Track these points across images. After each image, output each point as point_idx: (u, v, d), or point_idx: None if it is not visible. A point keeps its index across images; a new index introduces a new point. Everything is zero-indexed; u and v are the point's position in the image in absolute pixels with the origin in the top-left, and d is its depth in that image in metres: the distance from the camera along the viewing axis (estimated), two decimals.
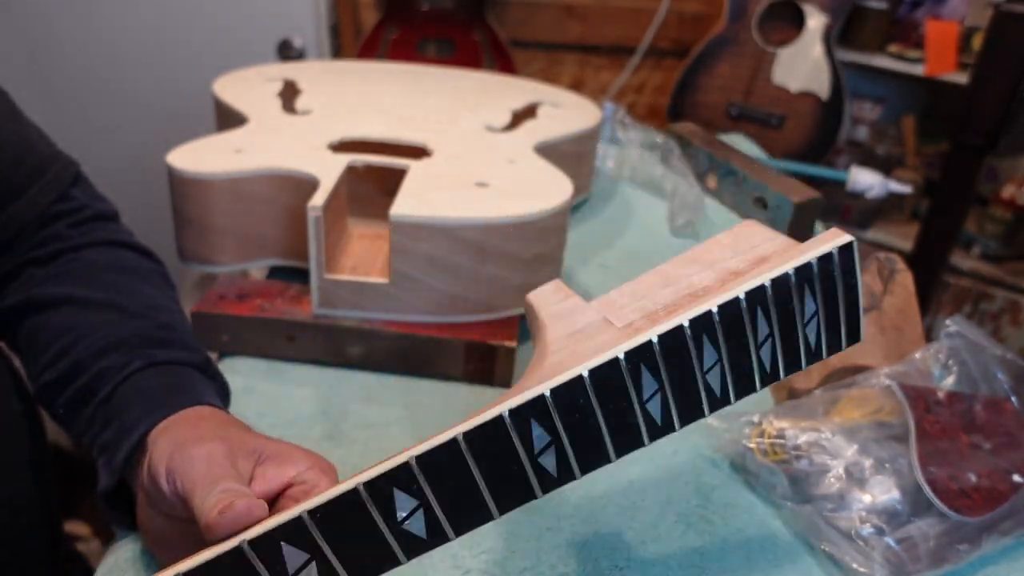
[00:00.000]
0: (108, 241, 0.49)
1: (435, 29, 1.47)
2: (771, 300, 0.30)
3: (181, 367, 0.42)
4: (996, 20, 1.23)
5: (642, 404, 0.29)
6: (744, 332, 0.29)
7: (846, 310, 0.31)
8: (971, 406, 0.46)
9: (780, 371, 0.30)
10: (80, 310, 0.44)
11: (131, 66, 1.38)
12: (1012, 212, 1.57)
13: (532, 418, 0.28)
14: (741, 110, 1.60)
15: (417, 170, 0.57)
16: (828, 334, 0.31)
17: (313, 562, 0.27)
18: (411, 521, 0.27)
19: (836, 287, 0.31)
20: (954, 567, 0.41)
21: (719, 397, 0.30)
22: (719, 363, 0.29)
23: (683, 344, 0.29)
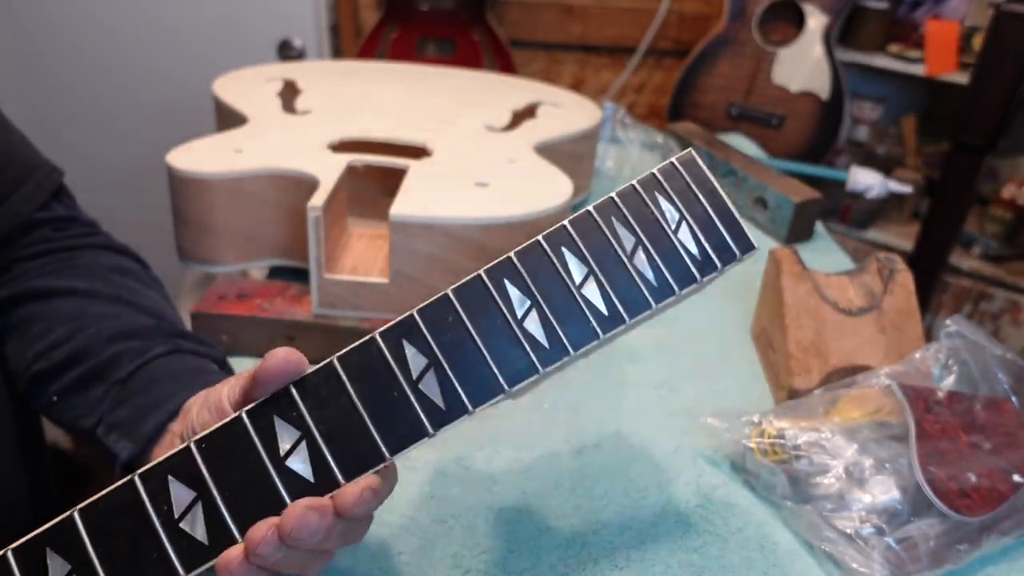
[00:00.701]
0: (104, 246, 0.49)
1: (435, 29, 1.47)
2: (624, 208, 0.30)
3: (205, 359, 0.42)
4: (996, 20, 1.23)
5: (518, 322, 0.28)
6: (608, 242, 0.29)
7: (719, 215, 0.31)
8: (971, 406, 0.46)
9: (670, 282, 0.30)
10: (85, 301, 0.44)
11: (131, 66, 1.38)
12: (1012, 212, 1.57)
13: (403, 337, 0.28)
14: (741, 110, 1.60)
15: (417, 170, 0.57)
16: (710, 241, 0.30)
17: (200, 502, 0.27)
18: (294, 456, 0.27)
19: (694, 192, 0.31)
20: (954, 567, 0.41)
21: (607, 315, 0.29)
22: (591, 275, 0.29)
23: (542, 256, 0.29)
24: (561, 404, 0.53)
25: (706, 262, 0.30)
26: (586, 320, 0.29)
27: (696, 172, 0.31)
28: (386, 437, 0.27)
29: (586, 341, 0.29)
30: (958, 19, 1.53)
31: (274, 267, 0.61)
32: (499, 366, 0.28)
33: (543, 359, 0.28)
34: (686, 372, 0.57)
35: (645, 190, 0.30)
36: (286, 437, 0.27)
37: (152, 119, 1.41)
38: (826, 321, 0.53)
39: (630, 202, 0.30)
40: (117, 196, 1.44)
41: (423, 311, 0.28)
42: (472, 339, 0.28)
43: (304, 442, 0.27)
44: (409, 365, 0.28)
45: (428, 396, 0.28)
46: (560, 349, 0.29)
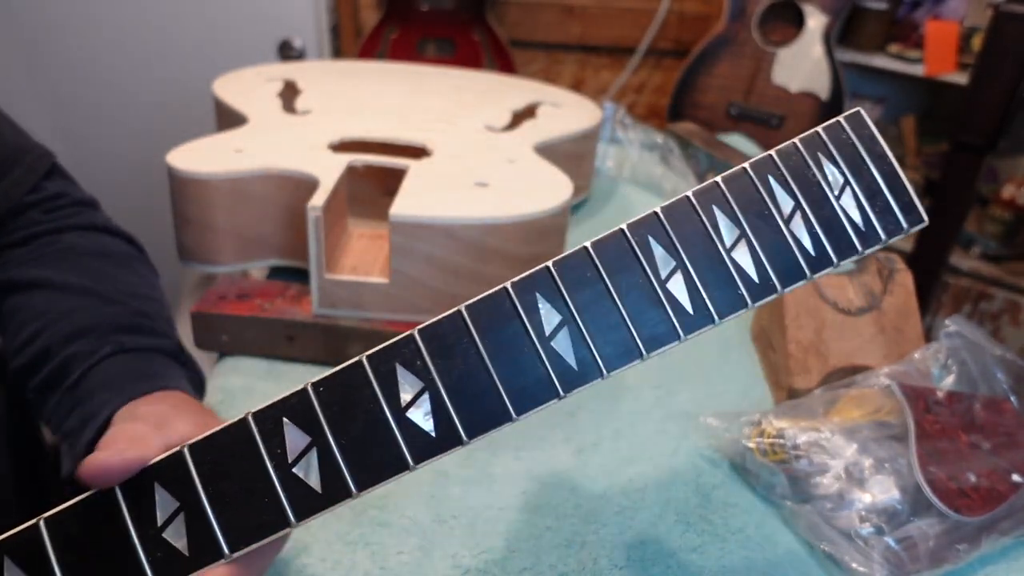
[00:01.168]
0: (90, 226, 0.48)
1: (435, 29, 1.47)
2: (783, 168, 0.28)
3: (151, 353, 0.41)
4: (996, 20, 1.23)
5: (662, 283, 0.26)
6: (763, 203, 0.27)
7: (887, 181, 0.28)
8: (970, 406, 0.46)
9: (829, 252, 0.27)
10: (55, 294, 0.43)
11: (131, 66, 1.38)
12: (1012, 212, 1.57)
13: (537, 291, 0.26)
14: (741, 110, 1.60)
15: (417, 170, 0.57)
16: (875, 210, 0.28)
17: (315, 448, 0.25)
18: (416, 408, 0.26)
19: (860, 154, 0.28)
20: (954, 567, 0.41)
21: (758, 283, 0.27)
22: (743, 238, 0.27)
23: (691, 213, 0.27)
24: (560, 405, 0.53)
25: (870, 232, 0.28)
26: (735, 286, 0.27)
27: (864, 133, 0.28)
28: (514, 395, 0.26)
29: (734, 309, 0.27)
30: (957, 19, 1.53)
31: (274, 267, 0.61)
32: (638, 329, 0.26)
33: (685, 325, 0.26)
34: (685, 372, 0.57)
35: (807, 149, 0.28)
36: (408, 387, 0.26)
37: (152, 119, 1.41)
38: (826, 321, 0.53)
39: (791, 161, 0.28)
40: (117, 196, 1.44)
41: (559, 263, 0.26)
42: (611, 297, 0.26)
43: (427, 394, 0.25)
44: (542, 320, 0.26)
45: (560, 355, 0.26)
46: (705, 316, 0.27)
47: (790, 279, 0.27)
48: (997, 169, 1.65)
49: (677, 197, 0.28)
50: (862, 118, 0.28)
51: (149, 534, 0.25)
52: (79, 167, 1.21)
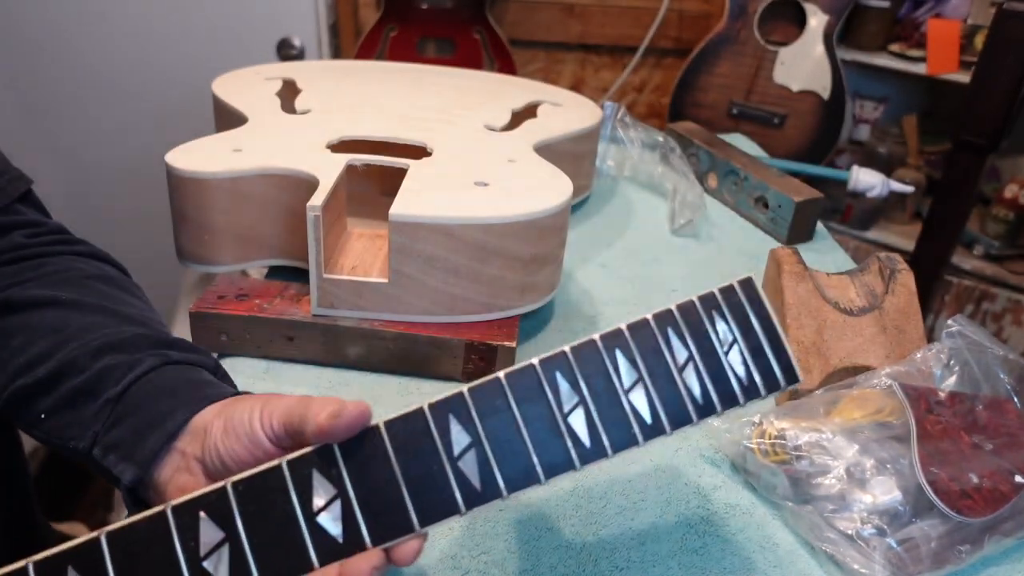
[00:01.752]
0: (86, 253, 0.48)
1: (435, 28, 1.47)
2: (681, 322, 0.31)
3: (197, 367, 0.41)
4: (998, 19, 1.22)
5: (564, 416, 0.29)
6: (661, 352, 0.30)
7: (770, 343, 0.31)
8: (973, 406, 0.46)
9: (714, 401, 0.30)
10: (68, 312, 0.42)
11: (131, 66, 1.38)
12: (1014, 212, 1.56)
13: (451, 413, 0.28)
14: (742, 109, 1.60)
15: (417, 170, 0.57)
16: (757, 367, 0.31)
17: (227, 544, 0.27)
18: (326, 513, 0.27)
19: (749, 316, 0.31)
20: (956, 568, 0.41)
21: (650, 424, 0.29)
22: (640, 382, 0.30)
23: (596, 353, 0.30)
24: None
25: (751, 387, 0.31)
26: (629, 425, 0.29)
27: (753, 297, 0.32)
28: (420, 509, 0.28)
29: (626, 446, 0.29)
30: (960, 18, 1.53)
31: (273, 267, 0.61)
32: (539, 456, 0.28)
33: (582, 456, 0.29)
34: None
35: (704, 307, 0.31)
36: (322, 493, 0.28)
37: (152, 119, 1.41)
38: (827, 321, 0.53)
39: (689, 316, 0.31)
40: (117, 196, 1.44)
41: (473, 390, 0.29)
42: (517, 425, 0.29)
43: (338, 501, 0.28)
44: (452, 442, 0.28)
45: (466, 475, 0.28)
46: (600, 450, 0.29)
47: (679, 422, 0.30)
48: (999, 168, 1.65)
49: (586, 339, 0.30)
50: (753, 284, 0.32)
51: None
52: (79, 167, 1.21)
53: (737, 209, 0.83)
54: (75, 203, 1.41)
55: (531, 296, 0.56)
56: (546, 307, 0.61)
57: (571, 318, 0.62)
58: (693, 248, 0.75)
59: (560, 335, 0.60)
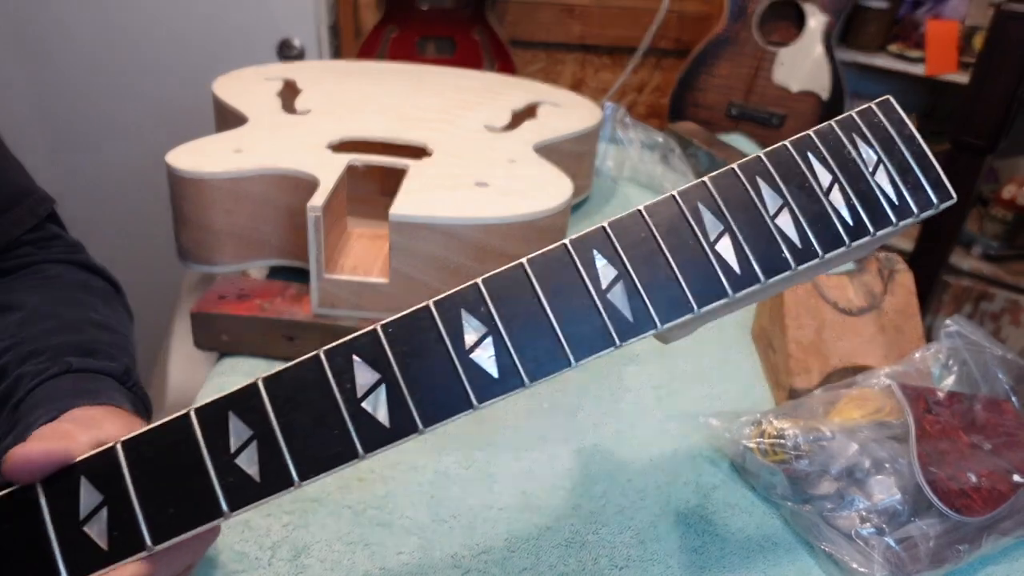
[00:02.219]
0: (77, 263, 0.49)
1: (435, 29, 1.47)
2: (821, 146, 0.30)
3: (97, 375, 0.41)
4: (997, 20, 1.23)
5: (710, 245, 0.28)
6: (803, 175, 0.29)
7: (916, 160, 0.30)
8: (971, 406, 0.46)
9: (867, 223, 0.29)
10: (25, 318, 0.44)
11: (131, 66, 1.38)
12: (1012, 212, 1.56)
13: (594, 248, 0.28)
14: (741, 110, 1.60)
15: (417, 170, 0.57)
16: (907, 186, 0.30)
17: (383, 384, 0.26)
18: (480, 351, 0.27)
19: (891, 136, 0.30)
20: (954, 567, 0.41)
21: (800, 247, 0.28)
22: (786, 207, 0.29)
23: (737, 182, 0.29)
24: (560, 405, 0.53)
25: (903, 207, 0.30)
26: (779, 250, 0.28)
27: (894, 117, 0.30)
28: (572, 343, 0.27)
29: (777, 270, 0.28)
30: (958, 19, 1.53)
31: (274, 267, 0.61)
32: (690, 285, 0.28)
33: (734, 284, 0.28)
34: (685, 373, 0.57)
35: (843, 130, 0.30)
36: (471, 330, 0.27)
37: (152, 119, 1.41)
38: (826, 321, 0.53)
39: (827, 141, 0.30)
40: (117, 196, 1.44)
41: (614, 224, 0.29)
42: (664, 255, 0.28)
43: (490, 338, 0.27)
44: (599, 275, 0.28)
45: (616, 307, 0.28)
46: (751, 276, 0.28)
47: (830, 245, 0.29)
48: (998, 169, 1.65)
49: (723, 169, 0.29)
50: (891, 104, 0.30)
51: (222, 460, 0.26)
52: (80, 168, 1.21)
53: None
54: (75, 203, 1.41)
55: None
56: None
57: None
58: None
59: None
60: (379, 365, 0.27)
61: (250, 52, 1.36)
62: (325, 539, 0.41)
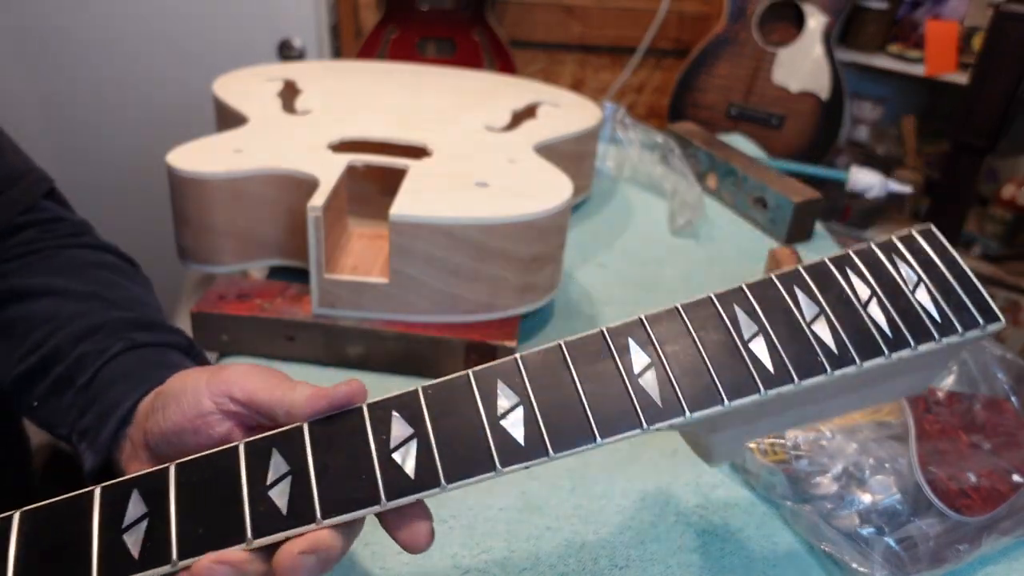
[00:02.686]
0: (89, 244, 0.49)
1: (435, 29, 1.47)
2: (860, 262, 0.31)
3: (164, 348, 0.42)
4: (996, 20, 1.23)
5: (744, 342, 0.29)
6: (841, 287, 0.30)
7: (959, 282, 0.30)
8: (971, 406, 0.46)
9: (907, 336, 0.29)
10: (61, 300, 0.43)
11: (131, 66, 1.38)
12: (1012, 212, 1.57)
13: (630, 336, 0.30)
14: (741, 110, 1.60)
15: (417, 170, 0.57)
16: (950, 305, 0.30)
17: (415, 439, 0.28)
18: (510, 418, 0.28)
19: (932, 259, 0.31)
20: (954, 567, 0.41)
21: (836, 354, 0.29)
22: (822, 314, 0.30)
23: (774, 289, 0.30)
24: None
25: (947, 324, 0.30)
26: (814, 353, 0.29)
27: (936, 243, 0.31)
28: (600, 423, 0.28)
29: (813, 372, 0.29)
30: (958, 19, 1.53)
31: (274, 267, 0.61)
32: (720, 378, 0.29)
33: (766, 381, 0.29)
34: None
35: (883, 251, 0.31)
36: (504, 399, 0.29)
37: (152, 119, 1.41)
38: None
39: (867, 258, 0.31)
40: (117, 196, 1.44)
41: (651, 316, 0.30)
42: (697, 348, 0.29)
43: (521, 408, 0.28)
44: (632, 361, 0.29)
45: (647, 392, 0.29)
46: (784, 375, 0.29)
47: (868, 354, 0.29)
48: (997, 169, 1.65)
49: (760, 279, 0.31)
50: (933, 232, 0.32)
51: (258, 491, 0.28)
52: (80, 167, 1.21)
53: (736, 209, 0.83)
54: (75, 203, 1.40)
55: (531, 296, 0.56)
56: (546, 307, 0.62)
57: (571, 318, 0.62)
58: (693, 248, 0.75)
59: (560, 335, 0.60)
60: (415, 421, 0.29)
61: (250, 52, 1.36)
62: None
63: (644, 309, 0.31)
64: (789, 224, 0.76)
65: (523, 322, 0.60)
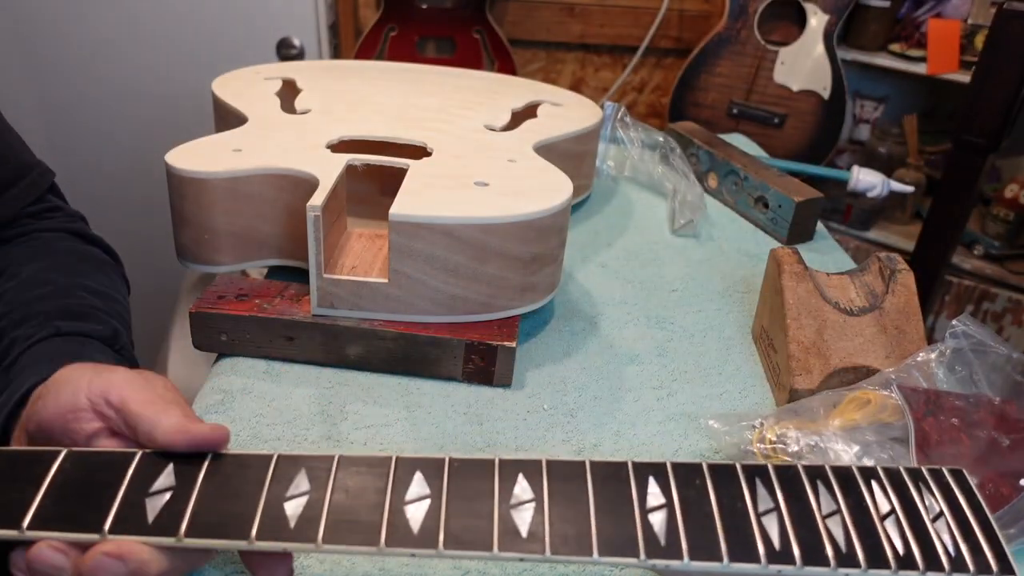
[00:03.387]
0: (75, 232, 0.52)
1: (435, 28, 1.47)
2: (886, 479, 0.32)
3: (85, 338, 0.44)
4: (999, 19, 1.22)
5: (758, 516, 0.30)
6: (862, 495, 0.31)
7: (981, 528, 0.31)
8: (975, 408, 0.46)
9: (917, 559, 0.29)
10: (20, 284, 0.47)
11: (131, 65, 1.38)
12: (1015, 212, 1.56)
13: (650, 475, 0.32)
14: (742, 109, 1.60)
15: (417, 170, 0.57)
16: (967, 544, 0.30)
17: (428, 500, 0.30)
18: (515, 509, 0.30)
19: (957, 499, 0.31)
20: None
21: (844, 552, 0.29)
22: (839, 513, 0.30)
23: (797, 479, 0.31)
24: (560, 406, 0.53)
25: (959, 561, 0.30)
26: (822, 545, 0.29)
27: (964, 486, 0.32)
28: (602, 540, 0.29)
29: (817, 562, 0.29)
30: (960, 18, 1.53)
31: (273, 267, 0.61)
32: (726, 540, 0.29)
33: (769, 556, 0.29)
34: (686, 374, 0.57)
35: (910, 476, 0.32)
36: (521, 492, 0.31)
37: (151, 119, 1.41)
38: (827, 321, 0.53)
39: (893, 479, 0.32)
40: (117, 196, 1.44)
41: (676, 464, 0.32)
42: (710, 504, 0.30)
43: (533, 504, 0.30)
44: (648, 496, 0.31)
45: (653, 529, 0.30)
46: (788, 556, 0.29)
47: (875, 562, 0.29)
48: (1000, 168, 1.65)
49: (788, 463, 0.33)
50: (964, 476, 0.32)
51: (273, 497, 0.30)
52: (79, 167, 1.21)
53: (737, 209, 0.83)
54: (75, 202, 1.40)
55: (531, 296, 0.56)
56: (546, 307, 0.61)
57: (571, 318, 0.62)
58: (693, 248, 0.75)
59: (560, 335, 0.60)
60: (433, 486, 0.30)
61: (250, 52, 1.36)
62: None
63: (644, 309, 0.31)
64: (790, 224, 0.75)
65: (523, 322, 0.60)
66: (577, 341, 0.59)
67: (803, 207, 0.75)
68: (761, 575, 0.29)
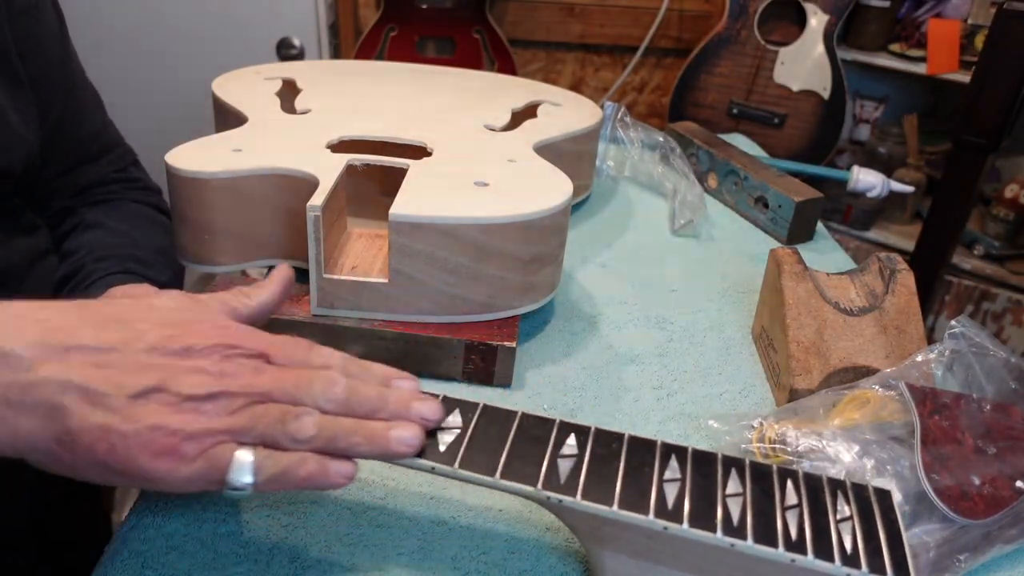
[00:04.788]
0: (153, 204, 0.68)
1: (435, 28, 1.47)
2: (803, 481, 0.34)
3: (144, 279, 0.54)
4: (999, 19, 1.22)
5: (660, 480, 0.34)
6: (772, 485, 0.34)
7: (887, 533, 0.32)
8: (977, 409, 0.46)
9: (808, 546, 0.31)
10: (105, 234, 0.61)
11: (130, 65, 1.38)
12: (1015, 212, 1.56)
13: None
14: (742, 109, 1.60)
15: (417, 169, 0.57)
16: (866, 545, 0.31)
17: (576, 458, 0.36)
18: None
19: (872, 510, 0.33)
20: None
21: (735, 526, 0.32)
22: (742, 496, 0.33)
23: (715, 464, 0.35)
24: (560, 406, 0.53)
25: (854, 558, 0.31)
26: (714, 516, 0.32)
27: (886, 503, 0.33)
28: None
29: (706, 528, 0.32)
30: (960, 18, 1.53)
31: (273, 267, 0.61)
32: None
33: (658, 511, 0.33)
34: (685, 374, 0.57)
35: (830, 485, 0.34)
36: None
37: (151, 119, 1.41)
38: (827, 321, 0.53)
39: (810, 482, 0.34)
40: None
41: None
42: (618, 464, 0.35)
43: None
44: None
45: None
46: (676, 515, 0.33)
47: (763, 541, 0.32)
48: (1000, 168, 1.65)
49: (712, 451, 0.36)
50: (888, 494, 0.34)
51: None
52: None
53: (737, 209, 0.83)
54: None
55: (531, 296, 0.56)
56: (546, 307, 0.61)
57: (571, 318, 0.62)
58: (693, 248, 0.75)
59: (560, 335, 0.60)
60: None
61: (250, 52, 1.36)
62: (325, 540, 0.41)
63: (644, 309, 0.31)
64: (790, 224, 0.75)
65: (523, 322, 0.60)
66: (577, 341, 0.59)
67: (803, 207, 0.75)
68: (646, 526, 0.32)
